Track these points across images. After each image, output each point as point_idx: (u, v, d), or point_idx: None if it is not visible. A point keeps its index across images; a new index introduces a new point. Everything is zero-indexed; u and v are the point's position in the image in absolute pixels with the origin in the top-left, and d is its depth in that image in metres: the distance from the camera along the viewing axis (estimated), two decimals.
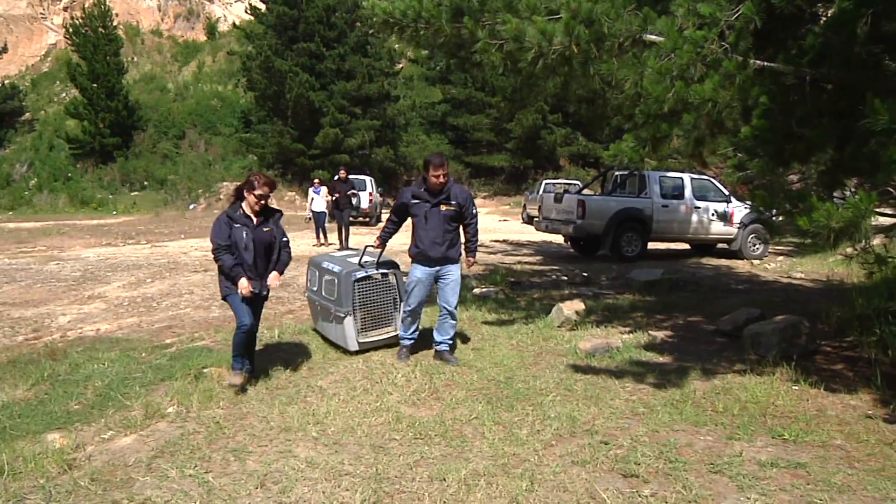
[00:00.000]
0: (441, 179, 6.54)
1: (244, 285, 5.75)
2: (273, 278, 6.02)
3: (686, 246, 17.26)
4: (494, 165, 41.68)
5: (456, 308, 6.76)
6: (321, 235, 18.40)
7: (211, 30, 58.11)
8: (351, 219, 18.00)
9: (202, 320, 9.01)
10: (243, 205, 5.96)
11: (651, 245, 16.06)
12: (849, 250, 6.53)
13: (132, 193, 36.83)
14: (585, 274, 12.85)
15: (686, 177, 15.87)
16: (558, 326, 8.10)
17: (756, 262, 15.46)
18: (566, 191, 18.44)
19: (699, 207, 15.71)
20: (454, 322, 6.81)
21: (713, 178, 16.60)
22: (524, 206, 29.03)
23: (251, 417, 5.27)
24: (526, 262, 15.19)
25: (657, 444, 4.75)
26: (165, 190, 36.60)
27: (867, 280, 7.87)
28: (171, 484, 4.14)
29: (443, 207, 6.58)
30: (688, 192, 15.80)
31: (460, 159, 42.42)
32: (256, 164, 37.50)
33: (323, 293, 7.20)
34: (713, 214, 15.52)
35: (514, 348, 7.25)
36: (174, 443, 4.78)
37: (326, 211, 18.16)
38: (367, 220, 26.15)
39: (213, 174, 38.21)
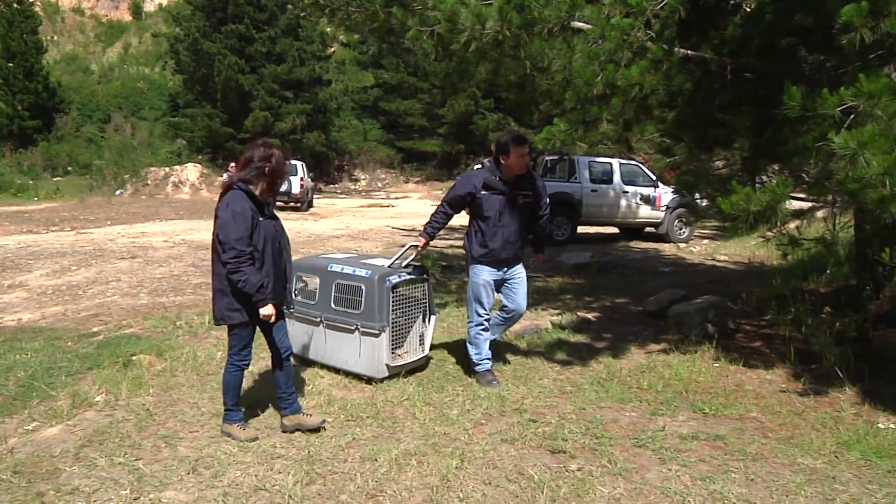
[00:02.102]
0: (525, 165, 5.60)
1: (269, 312, 4.41)
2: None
3: (615, 230, 17.62)
4: (427, 150, 41.75)
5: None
6: None
7: (136, 10, 56.52)
8: (281, 204, 17.57)
9: (130, 308, 8.82)
10: (261, 184, 4.46)
11: (580, 229, 16.37)
12: (768, 234, 6.80)
13: (55, 179, 35.56)
14: None
15: (615, 162, 16.19)
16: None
17: (682, 245, 15.89)
18: None
19: (627, 192, 16.06)
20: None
21: (642, 163, 16.96)
22: None
23: (182, 404, 5.21)
24: (458, 247, 15.22)
25: (584, 420, 4.90)
26: (90, 175, 35.44)
27: (784, 261, 8.19)
28: (99, 472, 4.07)
29: (520, 199, 5.62)
30: (616, 177, 16.14)
31: (392, 144, 42.40)
32: (185, 149, 36.74)
33: (333, 305, 5.72)
34: (639, 198, 15.88)
35: (445, 331, 7.31)
36: (103, 431, 4.69)
37: None
38: (299, 205, 25.88)
39: (141, 159, 37.20)
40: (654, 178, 16.20)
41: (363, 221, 21.47)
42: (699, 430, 4.74)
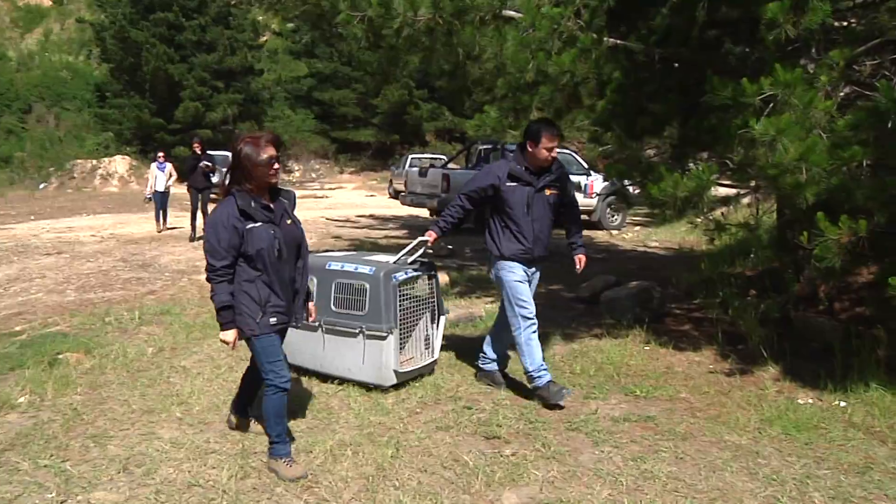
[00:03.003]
0: (554, 154, 5.06)
1: (228, 339, 3.89)
2: (312, 308, 4.44)
3: None
4: (361, 141, 41.44)
5: None
6: (161, 219, 15.83)
7: None
8: (214, 196, 17.19)
9: (56, 305, 8.54)
10: (250, 185, 3.89)
11: None
12: (696, 219, 6.98)
13: None
14: (450, 246, 13.06)
15: None
16: None
17: (615, 232, 16.17)
18: (431, 165, 18.63)
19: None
20: None
21: (574, 152, 17.16)
22: (391, 181, 29.09)
23: (111, 402, 5.07)
24: (392, 237, 15.24)
25: (518, 406, 4.98)
26: (11, 168, 34.09)
27: (711, 247, 8.42)
28: (23, 477, 3.92)
29: (548, 192, 5.12)
30: None
31: (326, 135, 41.96)
32: (113, 141, 35.72)
33: (333, 307, 5.24)
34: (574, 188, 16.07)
35: None
36: (26, 434, 4.51)
37: (169, 191, 16.01)
38: None
39: (65, 151, 35.86)
40: (585, 166, 16.41)
41: (297, 213, 21.19)
42: (630, 412, 4.86)
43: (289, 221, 4.05)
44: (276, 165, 3.92)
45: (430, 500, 3.66)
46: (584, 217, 16.74)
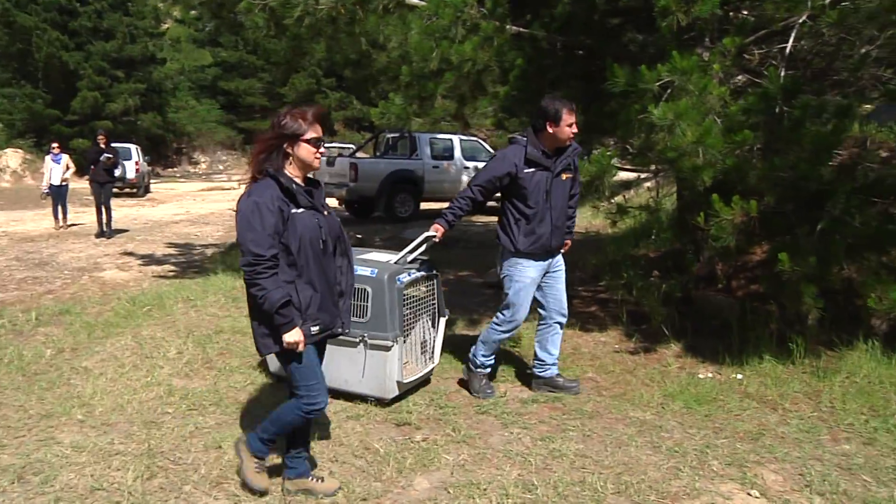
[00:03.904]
0: (574, 131, 4.68)
1: (295, 339, 3.28)
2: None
3: None
4: None
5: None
6: (59, 215, 15.08)
7: None
8: (116, 190, 16.71)
9: None
10: (288, 168, 3.37)
11: (424, 205, 16.55)
12: (600, 204, 7.14)
13: None
14: (359, 236, 13.02)
15: (455, 138, 16.46)
16: None
17: None
18: (340, 154, 18.49)
19: (468, 168, 16.37)
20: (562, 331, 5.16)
21: (483, 139, 17.31)
22: None
23: (5, 408, 4.83)
24: None
25: (428, 392, 5.02)
26: None
27: (615, 230, 8.64)
28: None
29: (564, 176, 4.76)
30: (457, 153, 16.43)
31: (233, 125, 41.14)
32: (4, 133, 34.06)
33: None
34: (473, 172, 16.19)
35: None
36: None
37: (67, 185, 15.18)
38: (135, 191, 24.68)
39: None
40: (494, 153, 16.54)
41: (204, 205, 20.82)
42: (538, 394, 4.97)
43: (326, 213, 3.48)
44: (322, 148, 3.43)
45: (342, 490, 3.65)
46: (491, 204, 17.07)
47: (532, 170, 4.63)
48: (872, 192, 5.61)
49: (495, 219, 5.04)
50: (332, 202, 17.78)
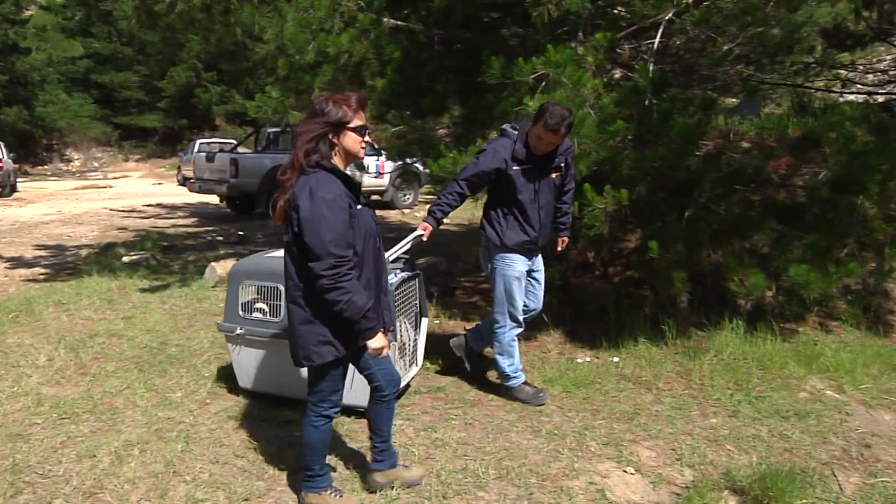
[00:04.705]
0: (542, 148, 4.48)
1: (381, 344, 3.18)
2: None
3: None
4: (147, 126, 39.40)
5: None
6: None
7: None
8: None
9: None
10: (335, 159, 3.15)
11: None
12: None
13: None
14: (242, 232, 12.78)
15: None
16: (212, 287, 8.02)
17: (407, 210, 16.43)
18: (221, 150, 18.04)
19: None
20: None
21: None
22: (179, 167, 27.88)
23: None
24: (181, 225, 14.67)
25: None
26: None
27: None
28: None
29: (553, 175, 4.67)
30: None
31: (108, 120, 39.44)
32: None
33: None
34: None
35: (168, 313, 7.02)
36: None
37: None
38: (0, 190, 23.31)
39: None
40: (376, 146, 16.53)
41: (78, 205, 19.86)
42: (421, 385, 5.00)
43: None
44: (367, 137, 3.22)
45: (224, 491, 3.57)
46: (375, 197, 17.14)
47: (519, 167, 4.52)
48: (735, 181, 5.92)
49: (378, 212, 5.01)
50: (213, 199, 17.41)
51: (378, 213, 5.82)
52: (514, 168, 4.49)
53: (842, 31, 9.83)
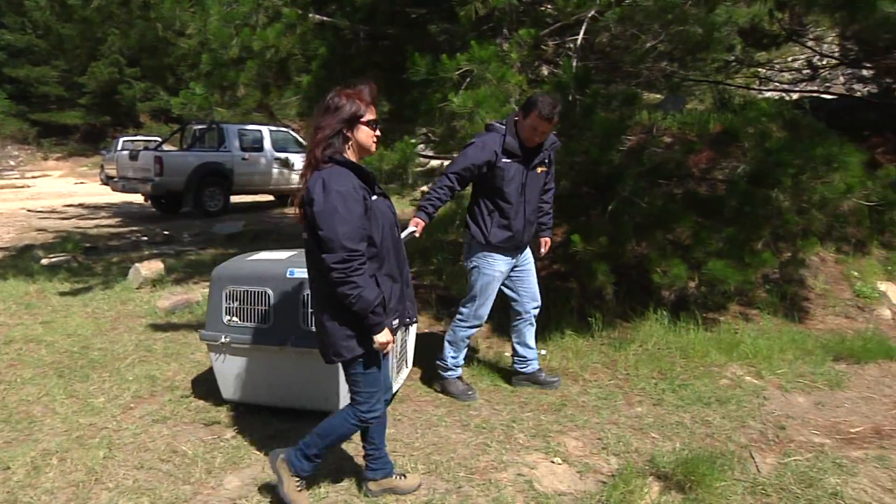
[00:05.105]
0: (536, 139, 4.48)
1: (386, 339, 3.10)
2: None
3: (270, 197, 17.62)
4: (67, 123, 38.00)
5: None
6: None
7: None
8: None
9: None
10: (348, 153, 3.12)
11: (235, 199, 16.13)
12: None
13: None
14: (167, 232, 12.51)
15: (265, 129, 16.11)
16: (137, 288, 7.84)
17: None
18: (145, 148, 17.61)
19: (279, 159, 16.10)
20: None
21: (296, 130, 17.05)
22: (102, 166, 27.08)
23: None
24: (104, 226, 14.24)
25: None
26: None
27: None
28: None
29: (539, 169, 4.61)
30: (267, 145, 16.09)
31: (25, 117, 37.95)
32: None
33: (302, 324, 4.19)
34: (279, 164, 15.87)
35: (90, 316, 6.83)
36: None
37: None
38: None
39: None
40: (305, 144, 16.35)
41: None
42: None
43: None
44: (378, 132, 3.20)
45: (148, 497, 3.50)
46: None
47: (509, 160, 4.47)
48: (657, 175, 6.08)
49: None
50: (137, 199, 17.00)
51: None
52: (505, 161, 4.45)
53: (758, 30, 10.19)
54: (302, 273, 4.11)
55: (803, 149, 5.54)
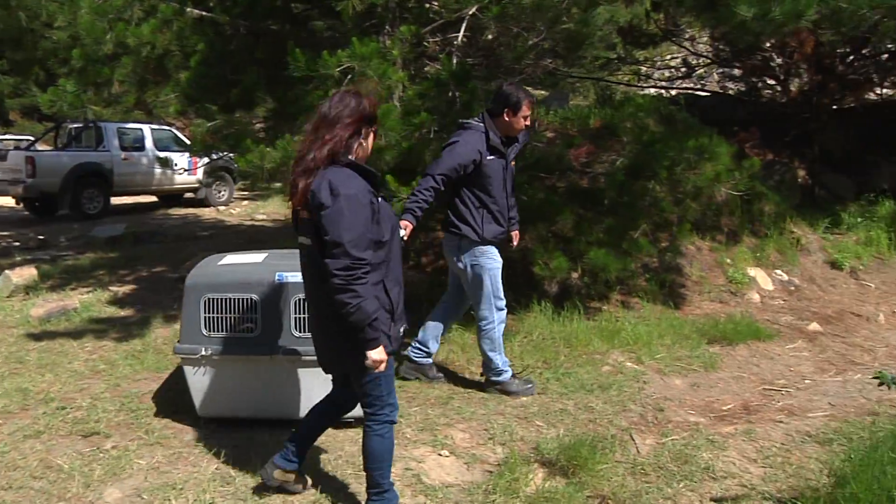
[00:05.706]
0: (528, 124, 4.63)
1: (381, 357, 2.92)
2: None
3: (153, 198, 17.05)
4: None
5: None
6: None
7: None
8: None
9: None
10: (357, 152, 3.04)
11: (116, 200, 15.52)
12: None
13: None
14: (41, 237, 11.90)
15: (146, 128, 15.53)
16: (7, 297, 7.44)
17: (222, 207, 15.94)
18: (16, 147, 16.72)
19: (160, 159, 15.59)
20: None
21: (179, 129, 16.55)
22: None
23: None
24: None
25: (118, 397, 4.71)
26: None
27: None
28: None
29: (512, 163, 4.74)
30: (149, 144, 15.51)
31: None
32: None
33: (294, 332, 4.00)
34: (160, 163, 15.33)
35: None
36: None
37: None
38: None
39: None
40: (188, 142, 15.88)
41: None
42: None
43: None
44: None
45: None
46: (189, 195, 16.50)
47: (493, 157, 4.51)
48: (540, 169, 6.20)
49: (192, 210, 4.84)
50: (8, 202, 16.11)
51: (192, 211, 5.65)
52: (489, 157, 4.49)
53: (637, 30, 10.57)
54: (294, 277, 3.93)
55: (677, 141, 5.77)
